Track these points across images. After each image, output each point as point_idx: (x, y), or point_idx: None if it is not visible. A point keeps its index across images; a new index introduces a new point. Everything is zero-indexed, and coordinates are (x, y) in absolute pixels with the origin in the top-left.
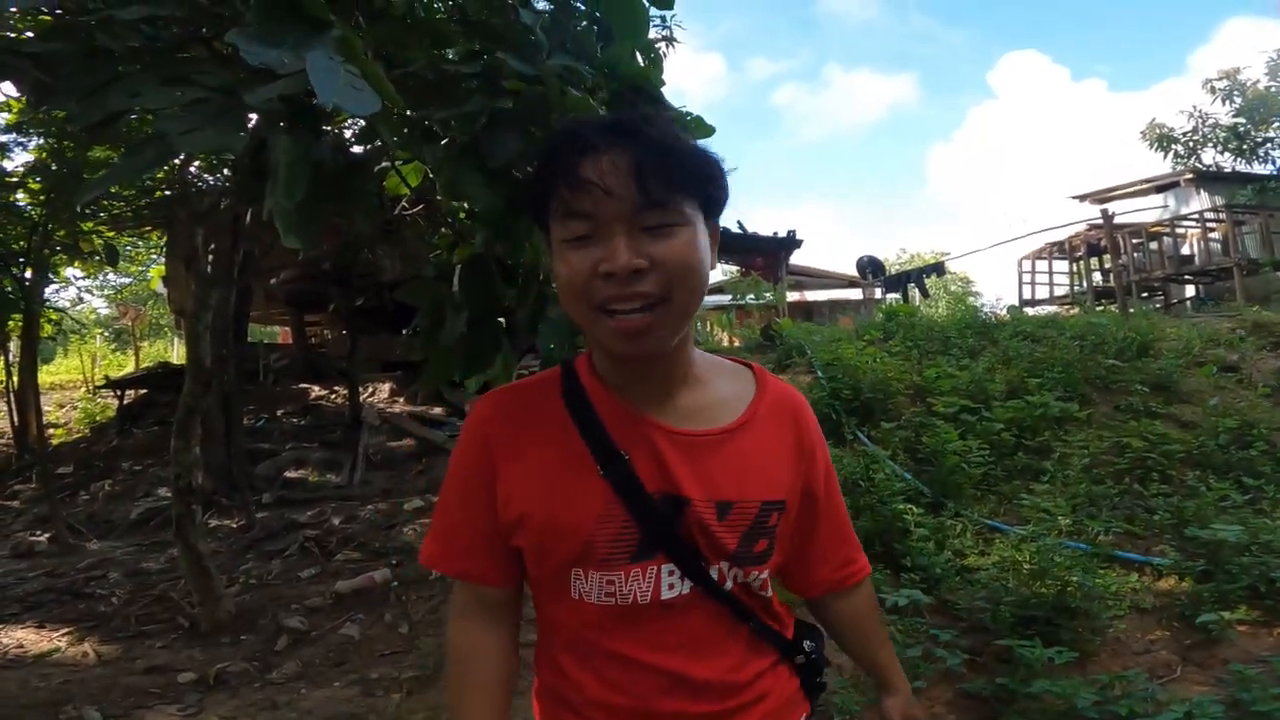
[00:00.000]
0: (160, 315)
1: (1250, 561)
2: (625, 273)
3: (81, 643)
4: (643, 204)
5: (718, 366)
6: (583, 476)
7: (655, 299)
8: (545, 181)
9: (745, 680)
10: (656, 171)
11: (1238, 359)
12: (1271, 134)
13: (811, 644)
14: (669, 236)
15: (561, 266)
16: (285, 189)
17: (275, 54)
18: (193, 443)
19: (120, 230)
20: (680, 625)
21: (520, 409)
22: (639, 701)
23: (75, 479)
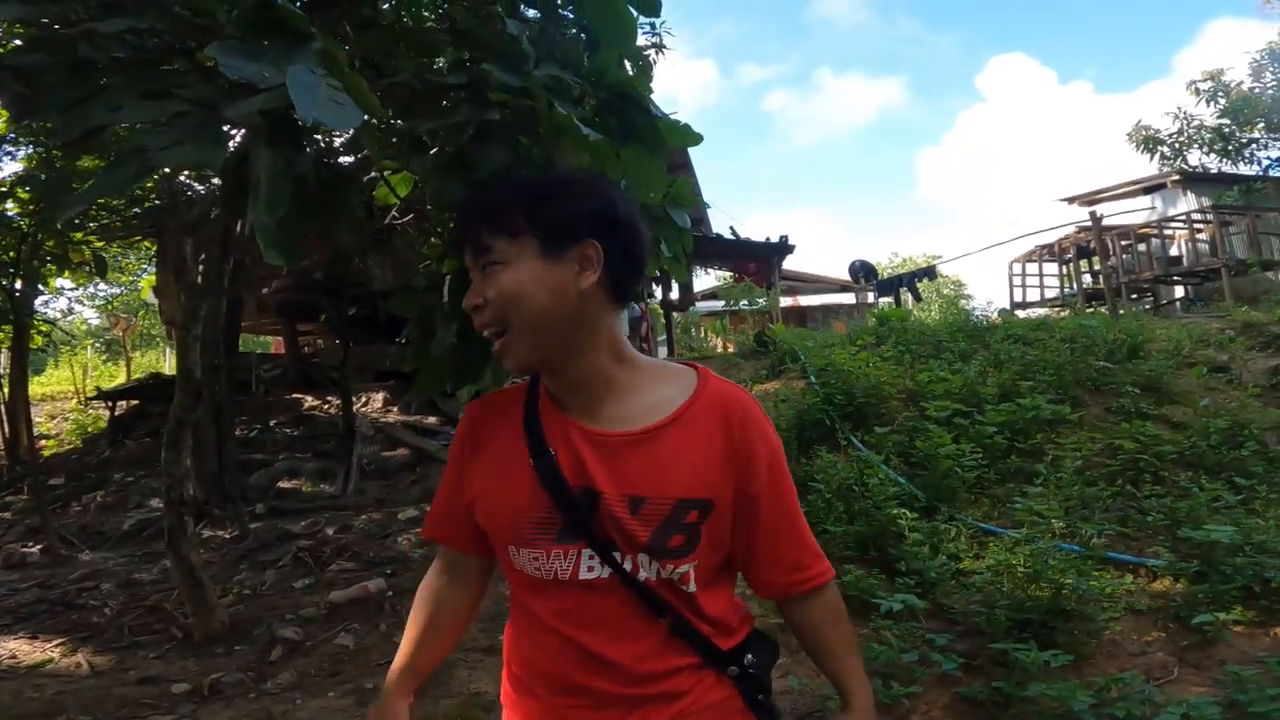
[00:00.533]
0: (151, 326)
1: (1244, 562)
2: (470, 308)
3: (75, 653)
4: (476, 250)
5: (658, 372)
6: (519, 468)
7: (497, 327)
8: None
9: (658, 672)
10: (478, 222)
11: (1228, 359)
12: (1256, 135)
13: (751, 658)
14: (494, 275)
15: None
16: (267, 204)
17: (255, 68)
18: (184, 454)
19: (110, 240)
20: (598, 606)
21: (492, 412)
22: (559, 670)
23: (67, 490)
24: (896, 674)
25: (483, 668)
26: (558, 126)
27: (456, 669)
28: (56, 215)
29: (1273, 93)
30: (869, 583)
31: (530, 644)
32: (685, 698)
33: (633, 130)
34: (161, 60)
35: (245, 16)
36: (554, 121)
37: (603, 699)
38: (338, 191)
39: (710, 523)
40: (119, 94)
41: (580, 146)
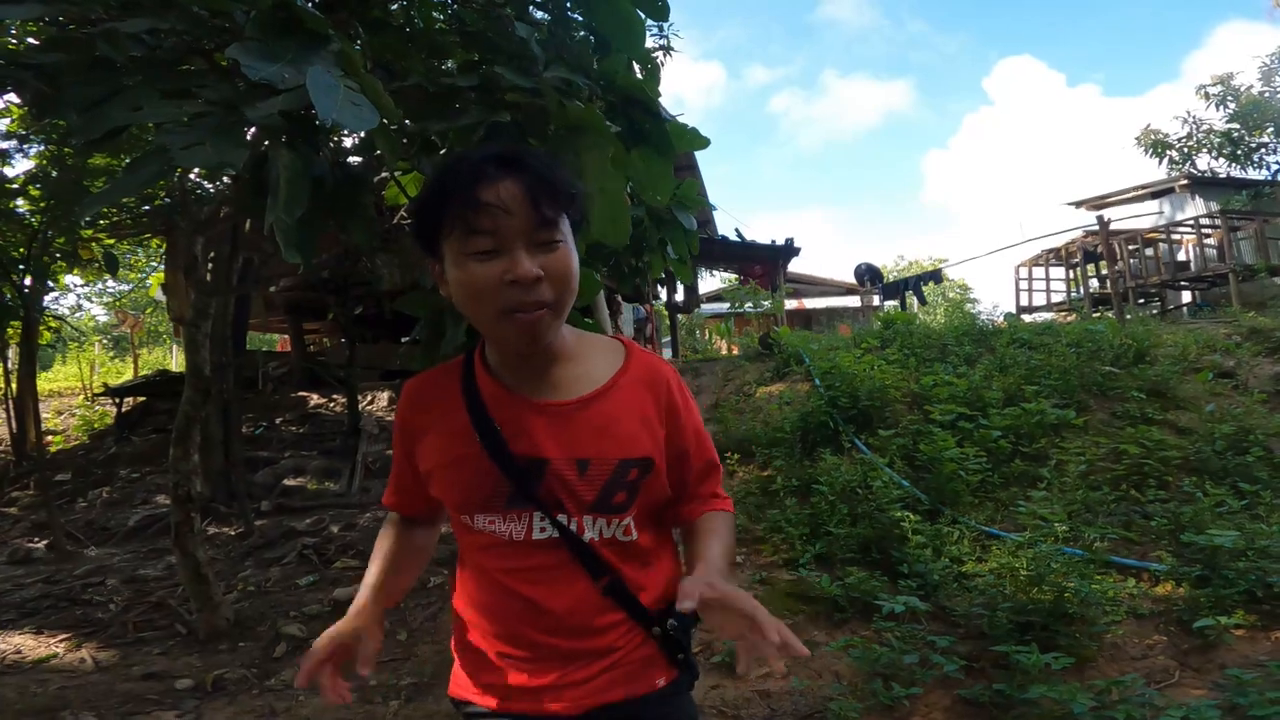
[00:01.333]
0: (159, 323)
1: (1247, 566)
2: (528, 280)
3: (79, 649)
4: (537, 223)
5: (591, 343)
6: (467, 445)
7: (549, 302)
8: (440, 205)
9: (590, 626)
10: (546, 196)
11: (1234, 365)
12: (1265, 139)
13: (674, 623)
14: (555, 250)
15: (464, 276)
16: (286, 205)
17: (275, 69)
18: (192, 451)
19: (120, 238)
20: (543, 564)
21: (427, 394)
22: (507, 621)
23: (73, 486)
24: (898, 675)
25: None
26: (578, 123)
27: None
28: (77, 214)
29: None
30: (871, 585)
31: (483, 598)
32: (614, 653)
33: (641, 133)
34: (180, 60)
35: (264, 17)
36: (571, 119)
37: (540, 651)
38: (352, 192)
39: (650, 479)
40: (139, 94)
41: (605, 141)
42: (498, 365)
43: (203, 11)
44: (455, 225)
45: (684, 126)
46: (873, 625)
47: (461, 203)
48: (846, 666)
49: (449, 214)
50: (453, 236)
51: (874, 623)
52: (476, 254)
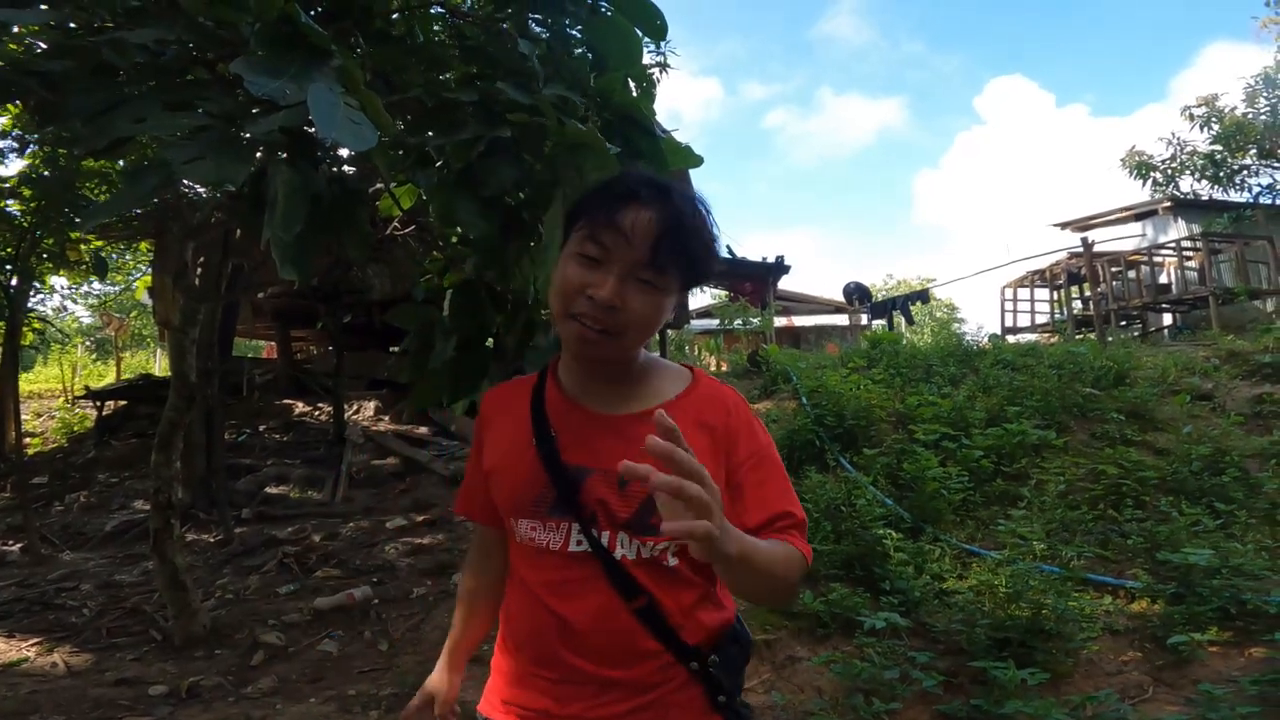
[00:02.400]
0: (144, 326)
1: (1221, 584)
2: (603, 304)
3: (51, 653)
4: (647, 263)
5: (661, 368)
6: (523, 449)
7: (612, 331)
8: (587, 206)
9: (625, 652)
10: (671, 244)
11: (1212, 387)
12: (1248, 161)
13: (715, 659)
14: (648, 294)
15: (562, 270)
16: (284, 221)
17: (277, 85)
18: (174, 457)
19: (109, 240)
20: (578, 579)
21: (504, 399)
22: (539, 637)
23: (50, 489)
24: (878, 691)
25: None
26: (575, 142)
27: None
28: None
29: (1265, 118)
30: (854, 601)
31: (518, 610)
32: (651, 691)
33: (636, 151)
34: (184, 70)
35: (267, 31)
36: (569, 137)
37: (572, 674)
38: (349, 207)
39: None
40: (143, 105)
41: (608, 161)
42: (564, 376)
43: (208, 22)
44: (585, 224)
45: (678, 144)
46: (854, 641)
47: (600, 206)
48: (828, 681)
49: (588, 211)
50: (577, 233)
51: (856, 638)
52: (583, 256)
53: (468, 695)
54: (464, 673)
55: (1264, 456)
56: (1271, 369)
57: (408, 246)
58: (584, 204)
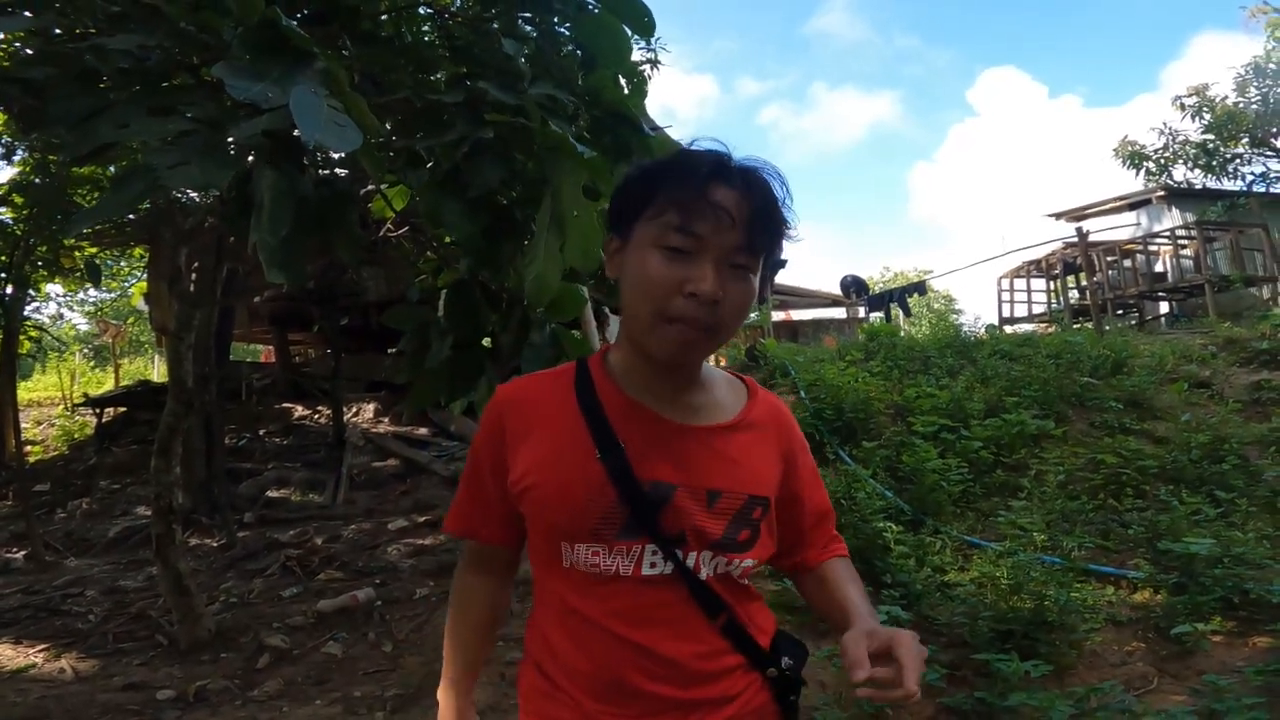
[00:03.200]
0: (141, 332)
1: (1223, 573)
2: (708, 299)
3: (58, 659)
4: (744, 245)
5: (717, 376)
6: (583, 460)
7: (714, 326)
8: (661, 185)
9: (712, 671)
10: (764, 222)
11: (1209, 375)
12: (1240, 150)
13: (789, 661)
14: (743, 280)
15: (645, 265)
16: (270, 224)
17: (260, 88)
18: (174, 462)
19: (103, 247)
20: (655, 603)
21: (534, 396)
22: (609, 671)
23: (53, 497)
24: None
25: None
26: (553, 144)
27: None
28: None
29: (1256, 107)
30: None
31: (572, 644)
32: (735, 702)
33: (626, 148)
34: (167, 75)
35: (250, 36)
36: (549, 139)
37: (655, 704)
38: (337, 209)
39: (768, 519)
40: (126, 110)
41: (576, 164)
42: (624, 375)
43: (190, 27)
44: (665, 209)
45: (669, 140)
46: None
47: (686, 189)
48: (832, 676)
49: (666, 193)
50: (655, 220)
51: None
52: (669, 248)
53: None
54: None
55: (1263, 443)
56: (1269, 355)
57: (402, 248)
58: (654, 184)
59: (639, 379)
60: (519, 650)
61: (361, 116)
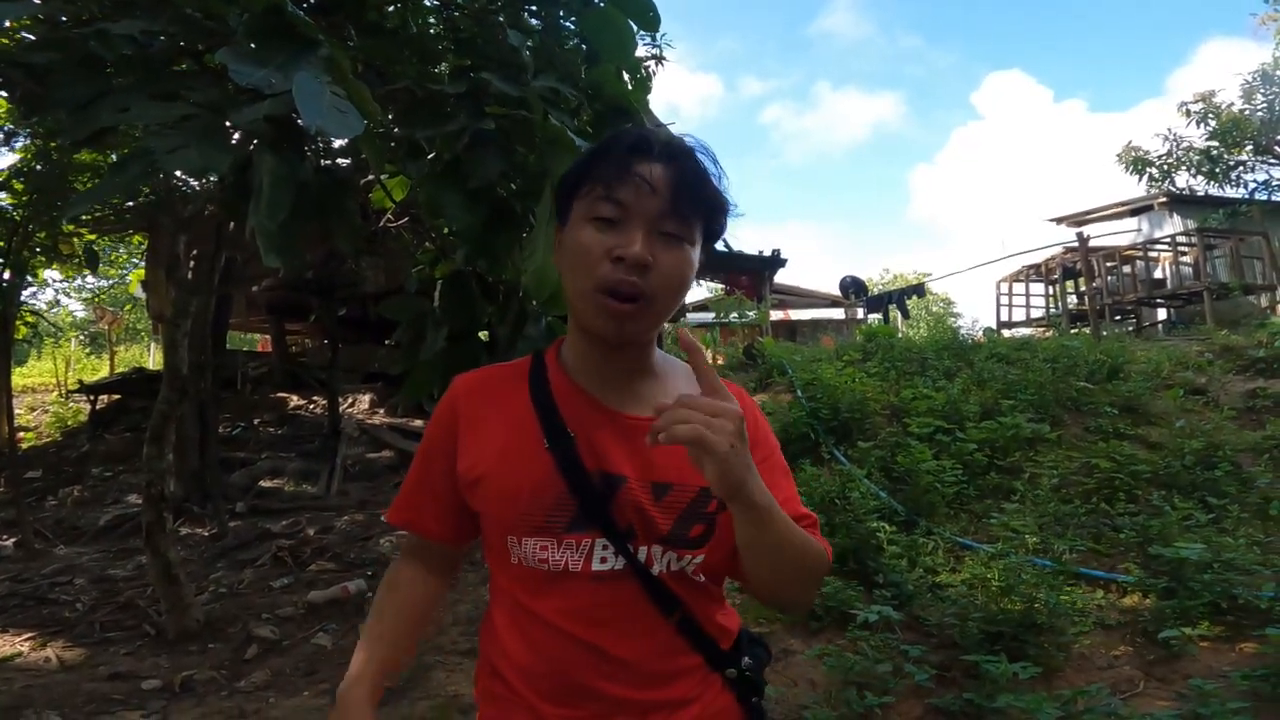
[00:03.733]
0: (137, 320)
1: (1212, 579)
2: (635, 262)
3: (44, 648)
4: (669, 211)
5: (678, 367)
6: (531, 450)
7: (644, 294)
8: (591, 165)
9: (668, 671)
10: (690, 190)
11: (1205, 381)
12: (1244, 157)
13: (749, 661)
14: (675, 248)
15: (576, 239)
16: (269, 209)
17: (263, 74)
18: (166, 450)
19: (102, 233)
20: (608, 601)
21: (488, 389)
22: (561, 672)
23: (44, 483)
24: (871, 684)
25: (461, 670)
26: (553, 137)
27: (434, 671)
28: (63, 214)
29: (1262, 115)
30: (847, 594)
31: (524, 645)
32: (693, 705)
33: None
34: (170, 61)
35: (255, 22)
36: (549, 133)
37: (610, 705)
38: (336, 196)
39: (725, 513)
40: (128, 95)
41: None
42: (575, 365)
43: (196, 13)
44: (594, 187)
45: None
46: (847, 634)
47: (609, 164)
48: (821, 675)
49: (593, 175)
50: (585, 197)
51: (849, 632)
52: (598, 219)
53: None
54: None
55: (1256, 451)
56: (1265, 364)
57: (402, 238)
58: (585, 167)
59: (589, 369)
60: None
61: (364, 104)
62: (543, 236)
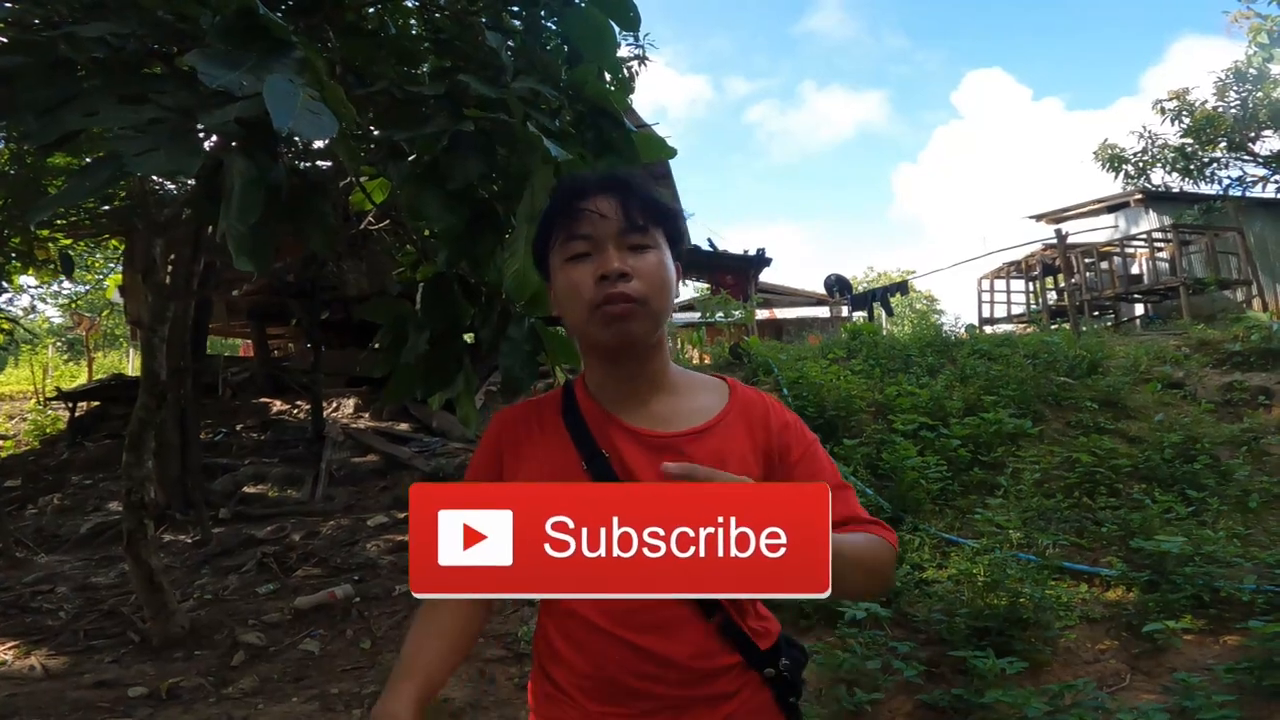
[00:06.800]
0: (116, 325)
1: (1194, 571)
2: (615, 273)
3: (28, 656)
4: (628, 227)
5: (696, 380)
6: (571, 472)
7: (636, 299)
8: (549, 221)
9: (708, 670)
10: (638, 205)
11: (1183, 375)
12: (1218, 154)
13: (787, 662)
14: (645, 254)
15: (564, 280)
16: (239, 212)
17: (234, 76)
18: (145, 457)
19: (77, 238)
20: (650, 606)
21: (527, 420)
22: (605, 672)
23: (23, 492)
24: (861, 681)
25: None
26: (530, 140)
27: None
28: (29, 217)
29: (1235, 112)
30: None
31: (571, 647)
32: (734, 699)
33: (608, 142)
34: (141, 64)
35: (227, 24)
36: (528, 135)
37: (649, 703)
38: (310, 199)
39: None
40: (96, 98)
41: (547, 162)
42: (598, 390)
43: (167, 15)
44: (558, 235)
45: (652, 136)
46: (836, 632)
47: (562, 213)
48: (811, 673)
49: (554, 226)
50: (556, 247)
51: (837, 629)
52: (574, 257)
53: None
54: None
55: (1234, 443)
56: (1241, 357)
57: (383, 241)
58: (545, 225)
59: (610, 390)
60: (497, 648)
61: (338, 105)
62: (524, 238)
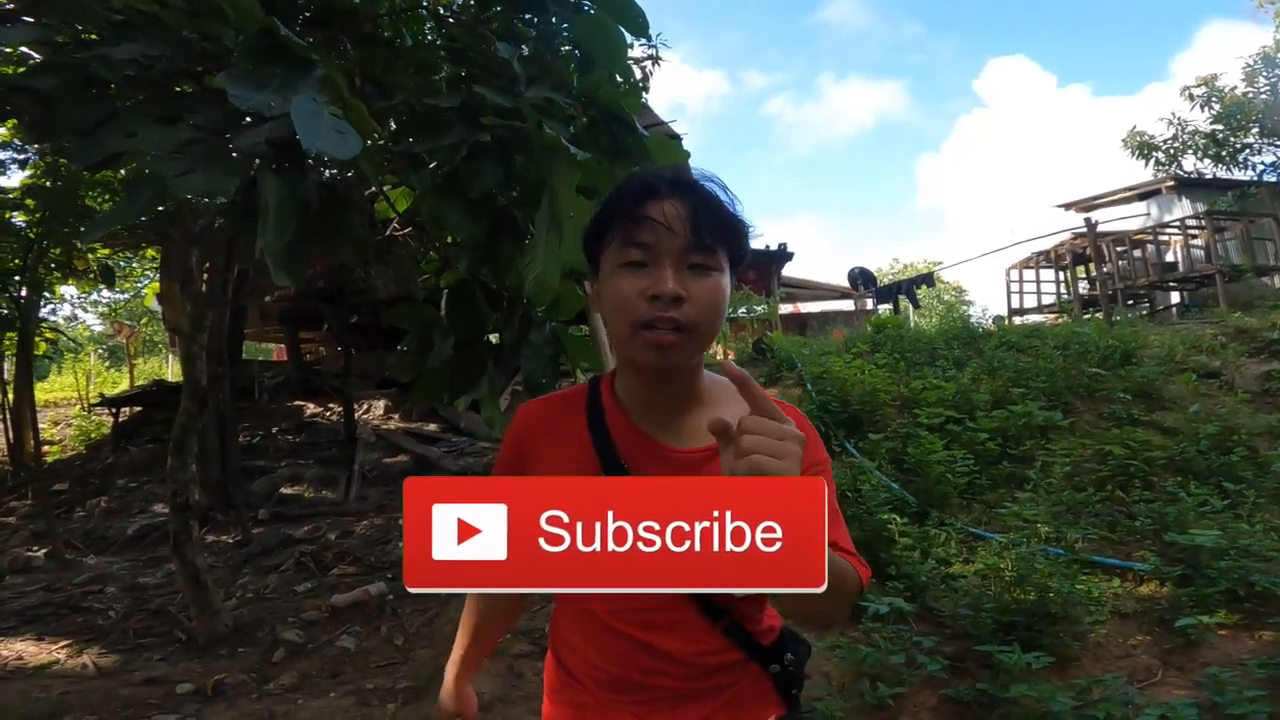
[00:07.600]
0: (155, 332)
1: (1229, 566)
2: (668, 296)
3: (80, 655)
4: (693, 245)
5: (726, 390)
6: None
7: (685, 325)
8: (608, 216)
9: (713, 665)
10: (708, 221)
11: (1219, 365)
12: (1250, 140)
13: (791, 657)
14: (705, 277)
15: (612, 288)
16: (275, 230)
17: (262, 97)
18: (189, 461)
19: (115, 248)
20: (658, 606)
21: (548, 418)
22: (614, 665)
23: (71, 496)
24: (884, 675)
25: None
26: (548, 145)
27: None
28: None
29: (1266, 97)
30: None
31: (584, 638)
32: (728, 690)
33: (622, 147)
34: (171, 83)
35: (251, 44)
36: (544, 141)
37: (654, 693)
38: (339, 212)
39: None
40: (133, 119)
41: (570, 165)
42: (628, 397)
43: (192, 35)
44: (615, 236)
45: (665, 139)
46: (860, 626)
47: (625, 214)
48: (834, 667)
49: (612, 225)
50: (611, 248)
51: (861, 624)
52: (628, 264)
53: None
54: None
55: (1272, 435)
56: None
57: (408, 247)
58: (604, 217)
59: (640, 402)
60: (525, 643)
61: (360, 122)
62: (543, 244)
